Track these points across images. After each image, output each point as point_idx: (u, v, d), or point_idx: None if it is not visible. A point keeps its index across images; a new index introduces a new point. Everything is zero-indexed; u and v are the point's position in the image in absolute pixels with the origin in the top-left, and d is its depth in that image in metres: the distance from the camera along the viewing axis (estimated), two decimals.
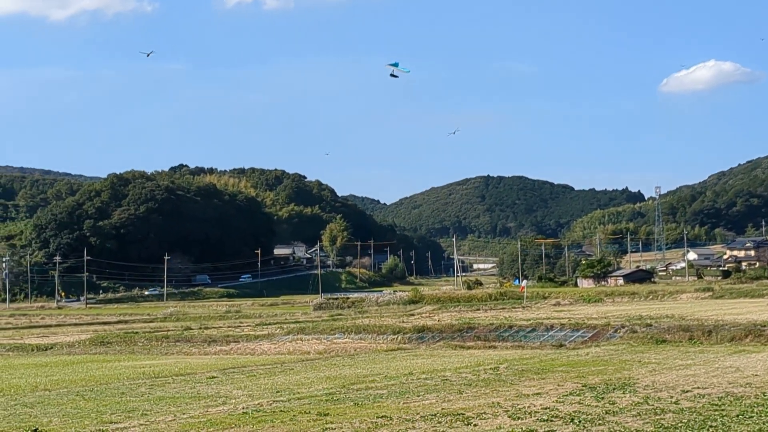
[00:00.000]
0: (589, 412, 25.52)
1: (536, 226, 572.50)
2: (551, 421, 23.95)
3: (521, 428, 22.75)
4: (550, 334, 65.31)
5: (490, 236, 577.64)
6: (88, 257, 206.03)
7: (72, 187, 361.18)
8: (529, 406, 26.99)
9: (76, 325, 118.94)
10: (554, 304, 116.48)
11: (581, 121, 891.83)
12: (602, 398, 28.70)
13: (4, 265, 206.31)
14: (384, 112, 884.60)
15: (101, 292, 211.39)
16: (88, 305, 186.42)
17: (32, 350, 73.28)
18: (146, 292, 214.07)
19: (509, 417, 24.84)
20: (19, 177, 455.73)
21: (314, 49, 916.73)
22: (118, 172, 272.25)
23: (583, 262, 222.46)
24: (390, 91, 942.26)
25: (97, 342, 76.78)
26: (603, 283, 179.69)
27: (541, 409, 26.40)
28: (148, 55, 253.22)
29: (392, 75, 72.81)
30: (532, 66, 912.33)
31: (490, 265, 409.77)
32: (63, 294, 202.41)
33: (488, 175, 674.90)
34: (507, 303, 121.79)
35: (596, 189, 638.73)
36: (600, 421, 23.69)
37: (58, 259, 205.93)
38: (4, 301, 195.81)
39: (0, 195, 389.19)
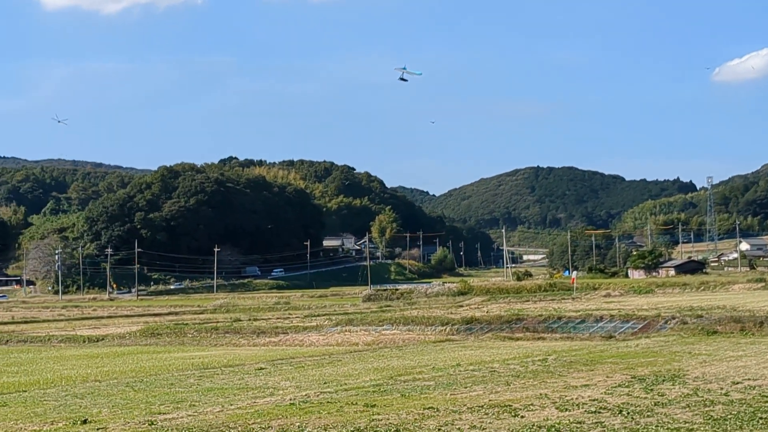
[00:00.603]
0: (638, 403, 25.31)
1: (586, 217, 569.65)
2: (599, 412, 23.78)
3: (569, 420, 22.61)
4: (599, 325, 64.97)
5: (539, 227, 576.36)
6: (139, 249, 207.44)
7: (123, 179, 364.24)
8: (577, 398, 26.82)
9: (127, 316, 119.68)
10: (604, 296, 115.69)
11: (632, 110, 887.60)
12: (651, 390, 28.45)
13: (56, 257, 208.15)
14: (433, 104, 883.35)
15: (152, 283, 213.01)
16: (139, 297, 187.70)
17: (84, 342, 73.80)
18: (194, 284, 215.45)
19: (557, 408, 24.69)
20: (71, 170, 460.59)
21: (364, 40, 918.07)
22: (168, 165, 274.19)
23: (634, 253, 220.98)
24: (440, 81, 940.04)
25: (148, 333, 77.22)
26: (654, 274, 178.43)
27: (590, 400, 26.22)
28: (59, 122, 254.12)
29: (401, 79, 72.03)
30: (582, 55, 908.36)
31: (539, 257, 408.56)
32: (115, 286, 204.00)
33: (538, 166, 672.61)
34: (556, 294, 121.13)
35: (647, 179, 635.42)
36: (649, 413, 23.49)
37: (109, 251, 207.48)
38: (56, 293, 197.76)
39: (53, 188, 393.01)
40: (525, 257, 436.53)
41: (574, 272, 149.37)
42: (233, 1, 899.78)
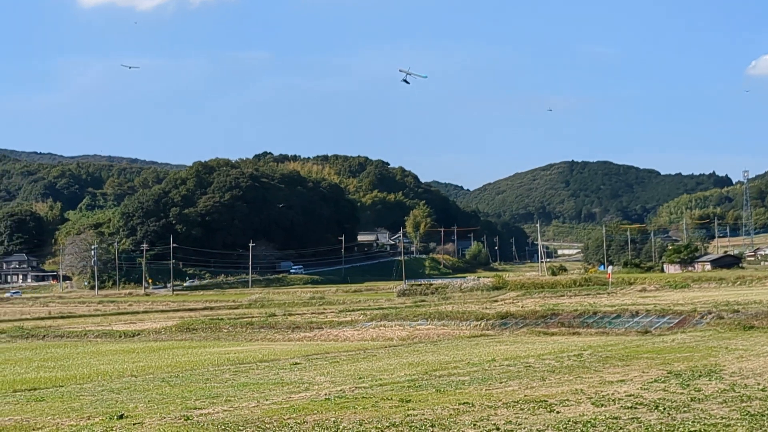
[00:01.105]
0: (674, 399, 25.18)
1: (621, 211, 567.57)
2: (635, 408, 23.67)
3: (604, 415, 22.51)
4: (635, 320, 64.74)
5: (574, 222, 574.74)
6: (175, 244, 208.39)
7: (158, 175, 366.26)
8: (612, 393, 26.71)
9: (162, 311, 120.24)
10: (640, 290, 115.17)
11: (667, 104, 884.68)
12: (688, 385, 28.30)
13: (92, 252, 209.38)
14: (468, 98, 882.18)
15: (187, 278, 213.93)
16: (174, 292, 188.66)
17: (120, 337, 74.14)
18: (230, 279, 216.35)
19: (592, 404, 24.60)
20: (106, 166, 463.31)
21: (397, 35, 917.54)
22: (203, 160, 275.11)
23: (670, 247, 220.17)
24: (473, 76, 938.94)
25: (183, 328, 77.49)
26: (690, 268, 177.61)
27: (625, 396, 26.10)
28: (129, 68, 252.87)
29: (404, 81, 71.12)
30: (616, 49, 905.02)
31: (574, 251, 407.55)
32: (150, 281, 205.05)
33: (573, 161, 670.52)
34: (591, 289, 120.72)
35: (683, 173, 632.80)
36: (685, 409, 23.36)
37: (145, 246, 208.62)
38: (92, 288, 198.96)
39: (88, 183, 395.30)
40: (560, 252, 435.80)
41: (610, 267, 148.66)
42: None
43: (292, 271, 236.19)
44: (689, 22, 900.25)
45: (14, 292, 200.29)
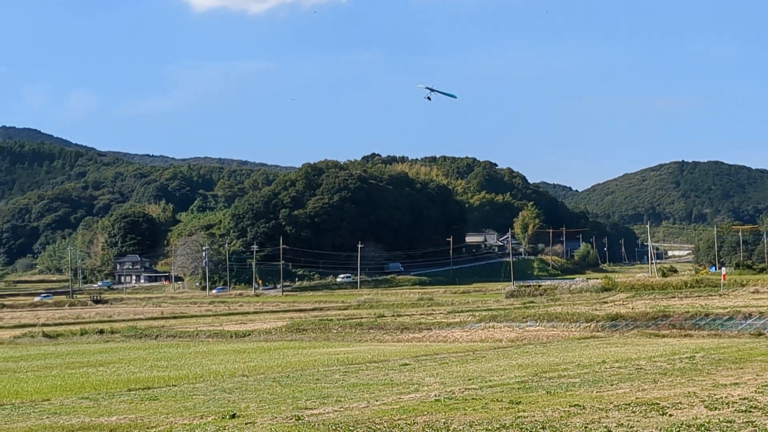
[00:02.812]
0: None
1: (733, 212, 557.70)
2: (750, 411, 23.34)
3: (718, 419, 22.23)
4: (748, 322, 63.63)
5: (684, 223, 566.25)
6: (284, 246, 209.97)
7: (268, 177, 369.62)
8: (726, 396, 26.36)
9: (272, 312, 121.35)
10: (752, 292, 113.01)
11: None
12: None
13: (203, 253, 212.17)
14: (577, 98, 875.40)
15: (296, 279, 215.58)
16: (284, 293, 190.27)
17: (231, 337, 74.95)
18: (338, 279, 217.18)
19: (705, 407, 24.31)
20: (217, 168, 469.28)
21: (505, 36, 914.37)
22: (312, 162, 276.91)
23: None
24: (583, 75, 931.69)
25: (293, 329, 78.07)
26: None
27: (739, 399, 25.75)
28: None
29: (427, 98, 69.87)
30: (728, 48, 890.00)
31: (685, 252, 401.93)
32: (260, 282, 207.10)
33: (683, 161, 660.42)
34: (703, 291, 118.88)
35: None
36: None
37: (255, 247, 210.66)
38: (204, 288, 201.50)
39: (199, 185, 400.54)
40: (670, 253, 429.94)
41: (723, 268, 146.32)
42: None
43: (340, 278, 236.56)
44: None
45: (44, 296, 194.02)
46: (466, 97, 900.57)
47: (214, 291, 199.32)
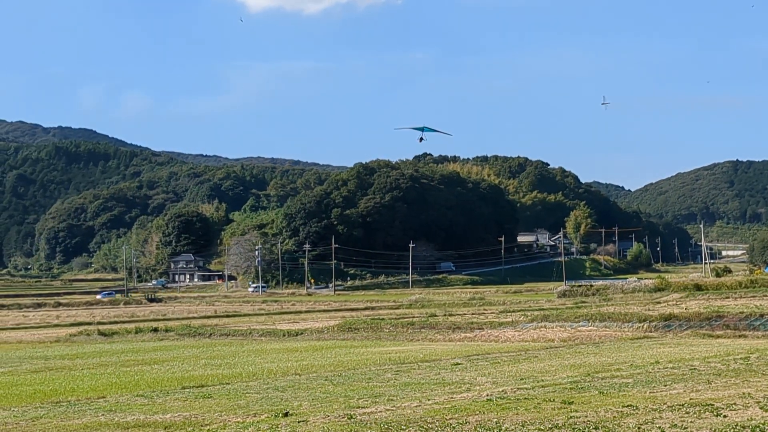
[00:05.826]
0: None
1: None
2: None
3: None
4: None
5: (739, 222, 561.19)
6: (336, 245, 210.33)
7: (320, 176, 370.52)
8: None
9: (324, 311, 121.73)
10: None
11: None
12: None
13: (256, 253, 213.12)
14: (629, 96, 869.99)
15: (348, 279, 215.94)
16: (336, 292, 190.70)
17: (283, 336, 75.27)
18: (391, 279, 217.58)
19: (761, 408, 24.18)
20: (270, 167, 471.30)
21: (556, 34, 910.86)
22: (363, 162, 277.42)
23: None
24: (634, 75, 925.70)
25: (345, 328, 78.25)
26: None
27: None
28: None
29: (421, 139, 69.47)
30: None
31: (739, 252, 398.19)
32: (312, 281, 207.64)
33: (737, 160, 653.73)
34: (758, 291, 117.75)
35: None
36: None
37: (307, 246, 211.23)
38: (255, 289, 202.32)
39: (252, 185, 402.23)
40: (724, 253, 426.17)
41: None
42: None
43: (441, 266, 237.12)
44: None
45: (106, 293, 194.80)
46: (517, 96, 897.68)
47: (249, 289, 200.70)
